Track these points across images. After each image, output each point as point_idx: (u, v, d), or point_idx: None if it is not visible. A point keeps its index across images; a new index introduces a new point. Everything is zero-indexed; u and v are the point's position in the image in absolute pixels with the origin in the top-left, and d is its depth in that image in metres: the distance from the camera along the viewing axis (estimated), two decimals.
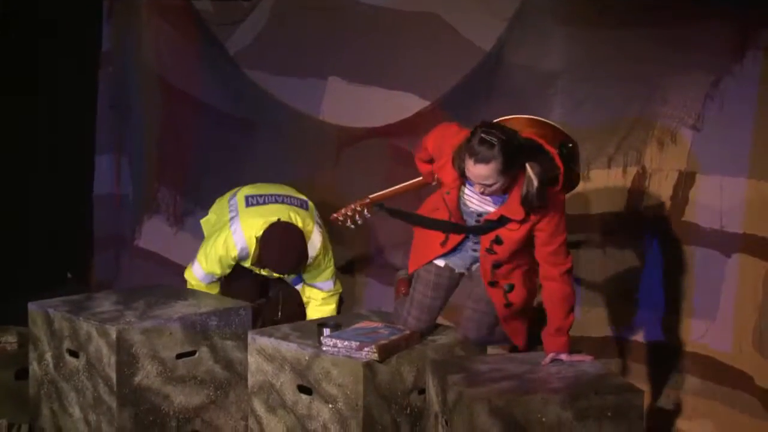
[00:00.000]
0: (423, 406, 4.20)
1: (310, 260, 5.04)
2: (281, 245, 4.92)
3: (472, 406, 3.65)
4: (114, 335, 4.33)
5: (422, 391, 4.20)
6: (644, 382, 4.48)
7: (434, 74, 5.20)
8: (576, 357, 4.01)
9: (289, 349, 4.23)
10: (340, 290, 5.24)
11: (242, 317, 4.68)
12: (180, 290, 5.00)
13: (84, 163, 6.68)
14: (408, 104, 5.28)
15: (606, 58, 4.70)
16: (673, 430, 4.61)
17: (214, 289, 5.12)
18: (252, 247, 4.97)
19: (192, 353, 4.55)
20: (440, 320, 4.95)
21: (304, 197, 5.19)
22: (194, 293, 4.95)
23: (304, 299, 5.21)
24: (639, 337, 4.66)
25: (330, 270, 5.14)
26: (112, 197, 6.63)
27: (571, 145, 4.02)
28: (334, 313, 5.15)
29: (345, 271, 5.58)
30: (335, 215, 4.73)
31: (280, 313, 5.30)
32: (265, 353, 4.32)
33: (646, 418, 3.84)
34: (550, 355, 3.99)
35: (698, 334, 4.58)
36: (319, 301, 5.16)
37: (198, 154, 6.13)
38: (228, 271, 5.07)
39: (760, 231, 4.44)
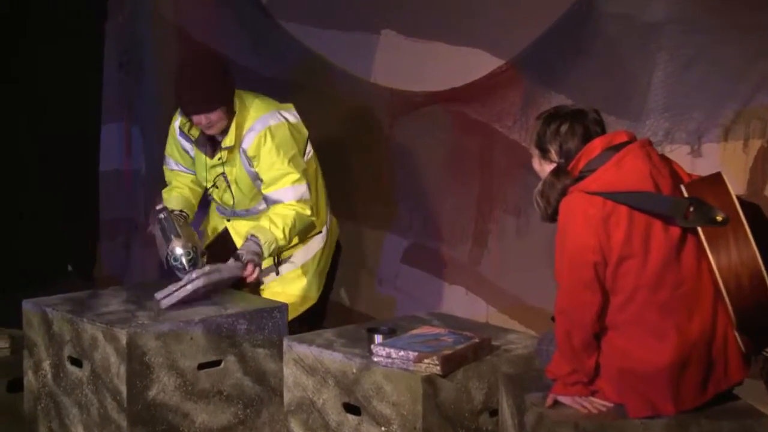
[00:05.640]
0: (495, 429, 4.20)
1: (244, 135, 4.97)
2: (187, 68, 4.93)
3: (556, 431, 3.63)
4: (124, 340, 4.38)
5: (494, 413, 4.20)
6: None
7: (509, 27, 5.17)
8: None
9: (334, 359, 4.25)
10: (307, 212, 5.03)
11: (277, 320, 4.71)
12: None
13: (88, 134, 6.72)
14: (478, 63, 5.26)
15: (722, 6, 4.63)
16: None
17: (171, 191, 5.23)
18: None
19: (217, 363, 4.60)
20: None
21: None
22: (221, 293, 4.89)
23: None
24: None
25: (290, 177, 4.99)
26: (121, 174, 6.68)
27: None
28: (287, 223, 4.95)
29: (399, 263, 5.60)
30: None
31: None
32: (304, 364, 4.34)
33: None
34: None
35: None
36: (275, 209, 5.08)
37: None
38: (176, 154, 5.17)
39: None
